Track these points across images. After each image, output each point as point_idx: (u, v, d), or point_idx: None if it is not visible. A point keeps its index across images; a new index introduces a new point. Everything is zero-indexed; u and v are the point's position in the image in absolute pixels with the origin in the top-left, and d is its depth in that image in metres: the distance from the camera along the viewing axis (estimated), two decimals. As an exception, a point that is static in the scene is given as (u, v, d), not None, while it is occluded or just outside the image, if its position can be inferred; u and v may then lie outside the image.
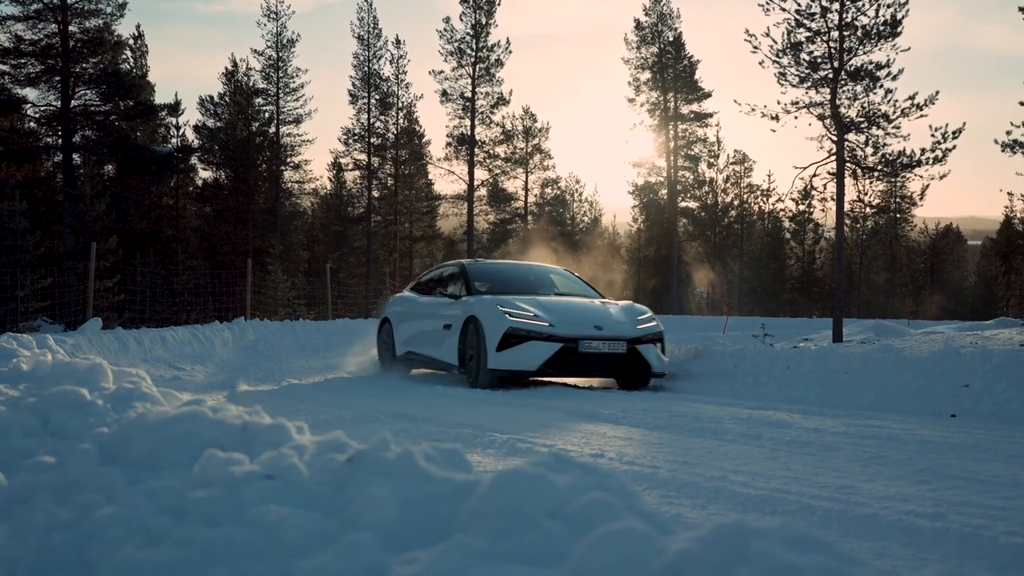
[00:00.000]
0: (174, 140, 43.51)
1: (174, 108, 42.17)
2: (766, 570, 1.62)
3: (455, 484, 2.34)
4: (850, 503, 3.99)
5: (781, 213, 50.09)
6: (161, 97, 49.31)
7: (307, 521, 2.19)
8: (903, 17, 21.83)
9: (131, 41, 42.27)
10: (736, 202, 51.32)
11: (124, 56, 40.06)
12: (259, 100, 43.18)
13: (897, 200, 46.28)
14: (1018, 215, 48.65)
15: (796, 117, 23.04)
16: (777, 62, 23.19)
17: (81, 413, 3.65)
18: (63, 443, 3.37)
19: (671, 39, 47.06)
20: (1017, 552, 3.46)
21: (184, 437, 2.97)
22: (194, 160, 42.44)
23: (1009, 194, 48.52)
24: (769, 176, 59.82)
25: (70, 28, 33.51)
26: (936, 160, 21.98)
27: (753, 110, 23.36)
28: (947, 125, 21.80)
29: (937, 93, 21.41)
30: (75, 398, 3.77)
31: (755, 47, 23.31)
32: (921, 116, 21.68)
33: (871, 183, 39.49)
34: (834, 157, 22.64)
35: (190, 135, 43.08)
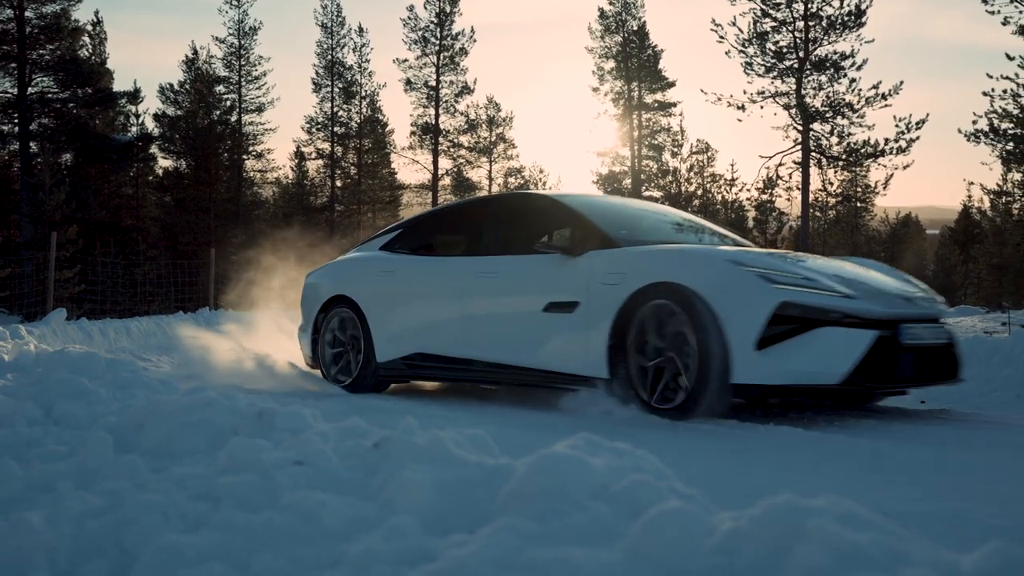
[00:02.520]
0: (134, 128, 42.91)
1: (134, 96, 41.61)
2: (824, 546, 1.65)
3: (488, 468, 2.36)
4: None
5: (747, 202, 50.47)
6: (120, 84, 48.70)
7: (345, 506, 2.20)
8: (867, 7, 22.09)
9: (89, 27, 41.55)
10: (699, 191, 51.66)
11: (82, 42, 39.34)
12: (220, 88, 42.68)
13: (858, 189, 46.83)
14: (976, 205, 49.43)
15: (762, 107, 23.32)
16: (743, 52, 23.41)
17: (85, 401, 3.62)
18: (70, 432, 3.34)
19: (635, 28, 47.15)
20: None
21: (200, 424, 2.96)
22: (154, 149, 41.86)
23: (971, 183, 49.21)
24: (732, 165, 60.37)
25: (26, 14, 32.90)
26: (900, 150, 22.31)
27: (719, 100, 23.56)
28: (911, 115, 22.12)
29: (901, 83, 21.70)
30: (76, 386, 3.74)
31: (721, 37, 23.52)
32: (885, 106, 22.00)
33: (836, 172, 39.93)
34: (800, 146, 22.89)
35: (150, 123, 42.53)
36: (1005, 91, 24.30)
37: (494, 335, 6.48)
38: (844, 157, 22.82)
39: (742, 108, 23.37)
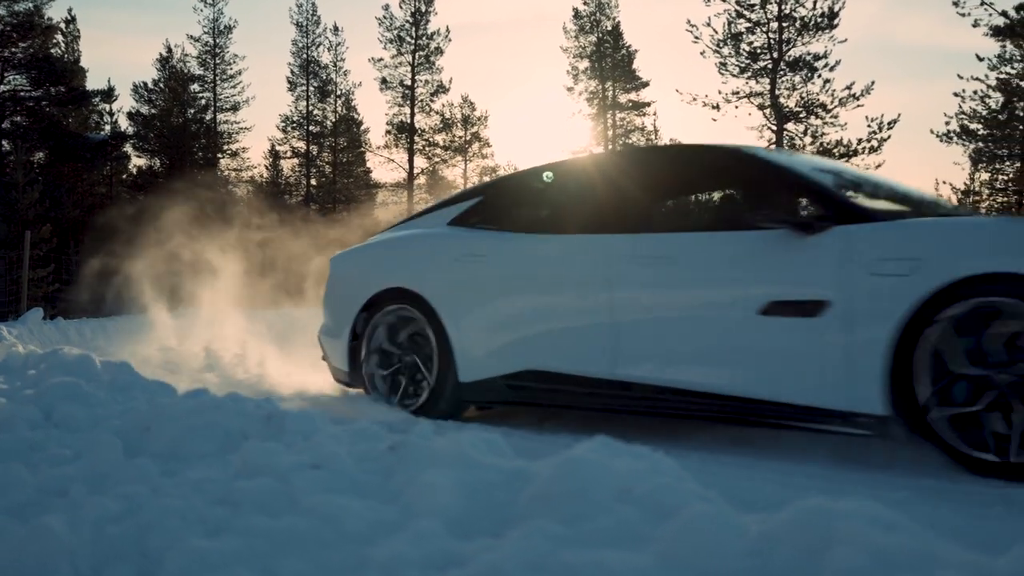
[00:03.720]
0: (107, 127, 42.52)
1: (108, 94, 41.20)
2: (859, 549, 1.67)
3: (506, 470, 2.37)
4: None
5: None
6: (94, 83, 48.03)
7: (366, 510, 2.20)
8: (840, 9, 22.29)
9: (63, 25, 41.12)
10: (674, 191, 51.87)
11: (55, 41, 38.94)
12: (195, 87, 42.42)
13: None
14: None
15: (737, 107, 23.46)
16: (718, 52, 23.55)
17: (85, 404, 3.60)
18: (73, 435, 3.31)
19: (609, 28, 47.24)
20: None
21: (208, 427, 2.95)
22: (128, 147, 41.53)
23: (941, 183, 49.66)
24: (705, 165, 60.52)
25: (-2, 11, 32.57)
26: (872, 149, 22.51)
27: (695, 99, 23.70)
28: (883, 115, 22.35)
29: (873, 83, 22.01)
30: (75, 389, 3.71)
31: (696, 37, 23.66)
32: (858, 106, 22.20)
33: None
34: (774, 146, 23.03)
35: (124, 122, 42.17)
36: (976, 92, 24.62)
37: (671, 348, 4.57)
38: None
39: (717, 108, 23.55)
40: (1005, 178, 29.15)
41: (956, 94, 23.80)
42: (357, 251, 6.35)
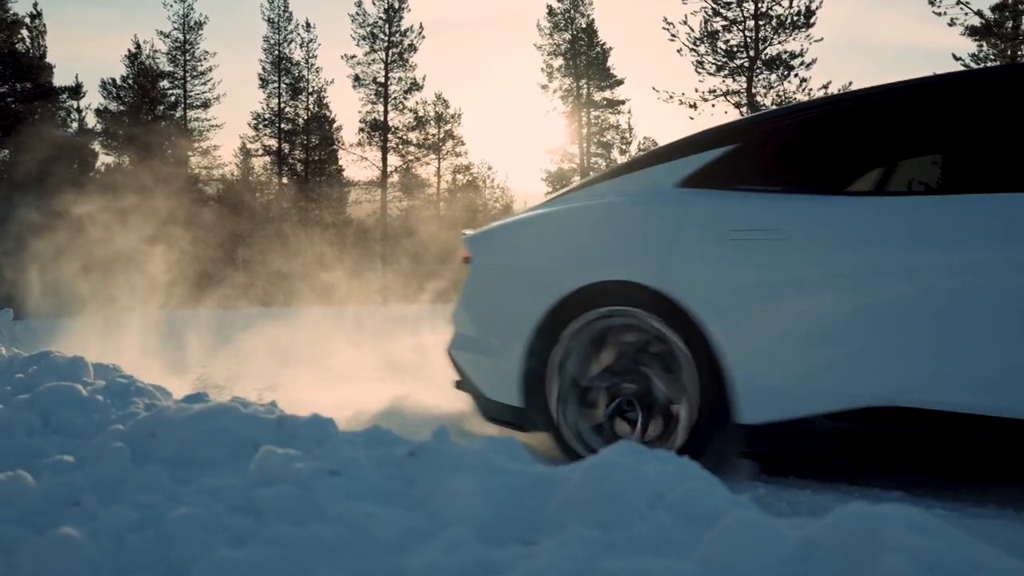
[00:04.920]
0: (75, 124, 42.12)
1: (75, 91, 40.83)
2: (907, 555, 1.66)
3: (531, 475, 2.34)
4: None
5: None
6: (61, 79, 47.52)
7: (393, 517, 2.16)
8: (817, 7, 22.44)
9: (28, 20, 40.63)
10: (647, 188, 52.04)
11: (20, 36, 38.49)
12: (165, 83, 42.11)
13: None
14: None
15: (714, 105, 23.54)
16: (695, 50, 23.63)
17: (83, 410, 3.53)
18: (74, 441, 3.25)
19: (583, 26, 47.34)
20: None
21: (218, 433, 2.90)
22: (96, 145, 41.13)
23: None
24: (677, 163, 60.86)
25: (-37, 7, 32.13)
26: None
27: (671, 97, 23.78)
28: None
29: (850, 83, 22.08)
30: (72, 394, 3.65)
31: (673, 35, 23.73)
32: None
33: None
34: (750, 145, 23.19)
35: (92, 119, 41.75)
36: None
37: None
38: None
39: (694, 106, 23.66)
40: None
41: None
42: (522, 228, 4.47)
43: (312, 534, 2.08)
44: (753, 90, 22.65)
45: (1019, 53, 24.28)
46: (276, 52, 44.46)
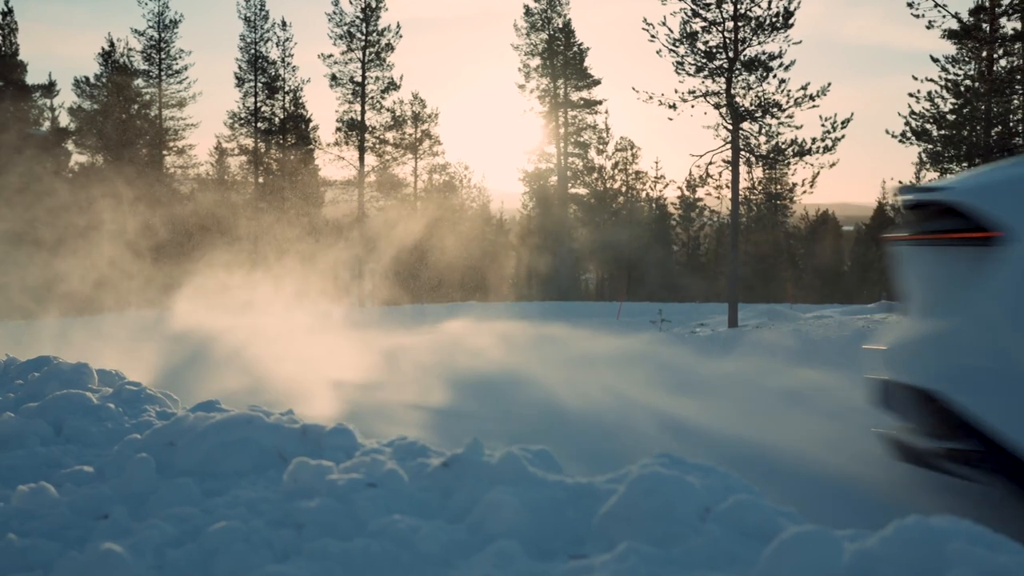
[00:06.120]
0: (47, 123, 41.63)
1: (48, 89, 40.37)
2: (975, 569, 1.66)
3: (570, 487, 2.33)
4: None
5: (679, 200, 51.39)
6: (34, 77, 47.07)
7: (436, 530, 2.14)
8: (795, 8, 22.55)
9: None
10: (624, 188, 52.14)
11: (-8, 34, 38.05)
12: (139, 82, 41.68)
13: (777, 187, 47.71)
14: (891, 202, 50.79)
15: (693, 106, 23.57)
16: (674, 51, 23.65)
17: (96, 418, 3.48)
18: (90, 451, 3.21)
19: (560, 25, 47.36)
20: None
21: (241, 443, 2.86)
22: (69, 144, 40.68)
23: (892, 179, 50.63)
24: (656, 163, 61.22)
25: (-66, 3, 31.68)
26: (826, 149, 22.82)
27: (651, 98, 23.77)
28: (836, 115, 22.65)
29: (829, 84, 22.19)
30: (83, 402, 3.59)
31: (652, 36, 23.72)
32: (813, 106, 22.45)
33: (765, 171, 40.84)
34: (729, 145, 23.25)
35: (65, 118, 41.29)
36: (930, 93, 25.13)
37: None
38: (772, 156, 23.24)
39: (673, 107, 23.65)
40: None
41: (911, 94, 24.33)
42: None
43: (358, 548, 2.05)
44: (732, 91, 22.72)
45: (995, 56, 24.52)
46: (252, 51, 44.14)
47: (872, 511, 3.42)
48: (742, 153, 23.39)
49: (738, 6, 23.12)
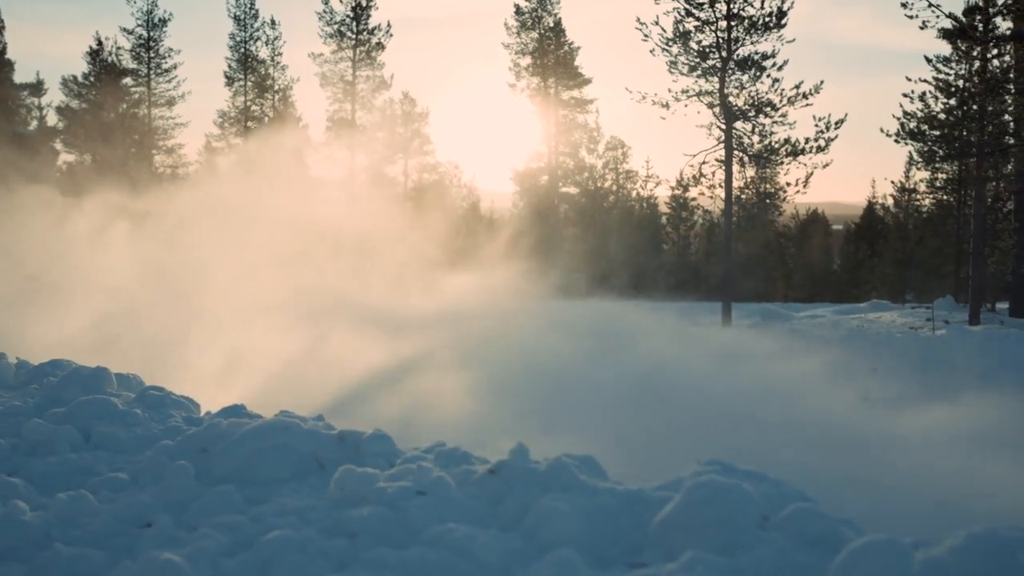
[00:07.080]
0: (35, 122, 41.38)
1: (36, 88, 40.15)
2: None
3: (621, 495, 2.32)
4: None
5: (671, 199, 51.45)
6: (21, 76, 46.76)
7: (492, 539, 2.13)
8: (789, 8, 22.59)
9: (-13, 16, 39.87)
10: (614, 188, 52.19)
11: (-21, 32, 37.78)
12: (128, 81, 41.47)
13: (768, 186, 47.78)
14: (880, 201, 50.90)
15: (686, 105, 23.58)
16: (667, 50, 23.66)
17: (124, 424, 3.45)
18: (121, 457, 3.18)
19: (551, 25, 47.34)
20: None
21: (279, 449, 2.84)
22: (57, 143, 40.43)
23: (883, 179, 50.74)
24: (647, 162, 61.37)
25: (-77, 1, 31.45)
26: (819, 149, 22.86)
27: (644, 98, 23.77)
28: (830, 115, 22.69)
29: (822, 83, 22.24)
30: (110, 408, 3.56)
31: (645, 35, 23.73)
32: (807, 105, 22.50)
33: (758, 170, 40.89)
34: (723, 145, 23.27)
35: (53, 118, 41.06)
36: (924, 93, 25.20)
37: None
38: (765, 155, 23.27)
39: (666, 106, 23.67)
40: (945, 177, 29.84)
41: (905, 94, 24.43)
42: None
43: (415, 557, 2.04)
44: (726, 91, 22.75)
45: (988, 56, 24.60)
46: (242, 50, 43.99)
47: None
48: (735, 152, 23.43)
49: (731, 6, 23.15)
